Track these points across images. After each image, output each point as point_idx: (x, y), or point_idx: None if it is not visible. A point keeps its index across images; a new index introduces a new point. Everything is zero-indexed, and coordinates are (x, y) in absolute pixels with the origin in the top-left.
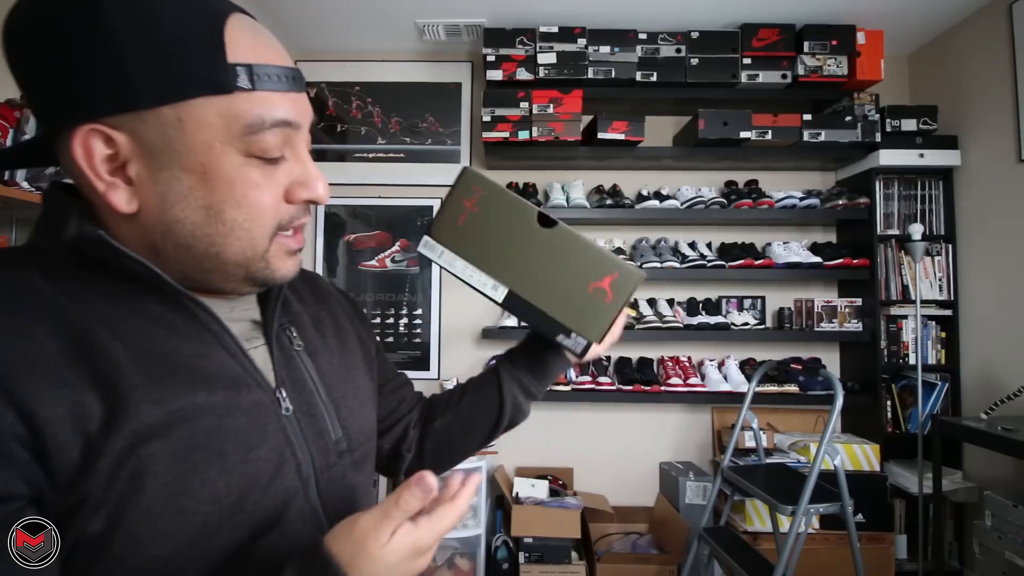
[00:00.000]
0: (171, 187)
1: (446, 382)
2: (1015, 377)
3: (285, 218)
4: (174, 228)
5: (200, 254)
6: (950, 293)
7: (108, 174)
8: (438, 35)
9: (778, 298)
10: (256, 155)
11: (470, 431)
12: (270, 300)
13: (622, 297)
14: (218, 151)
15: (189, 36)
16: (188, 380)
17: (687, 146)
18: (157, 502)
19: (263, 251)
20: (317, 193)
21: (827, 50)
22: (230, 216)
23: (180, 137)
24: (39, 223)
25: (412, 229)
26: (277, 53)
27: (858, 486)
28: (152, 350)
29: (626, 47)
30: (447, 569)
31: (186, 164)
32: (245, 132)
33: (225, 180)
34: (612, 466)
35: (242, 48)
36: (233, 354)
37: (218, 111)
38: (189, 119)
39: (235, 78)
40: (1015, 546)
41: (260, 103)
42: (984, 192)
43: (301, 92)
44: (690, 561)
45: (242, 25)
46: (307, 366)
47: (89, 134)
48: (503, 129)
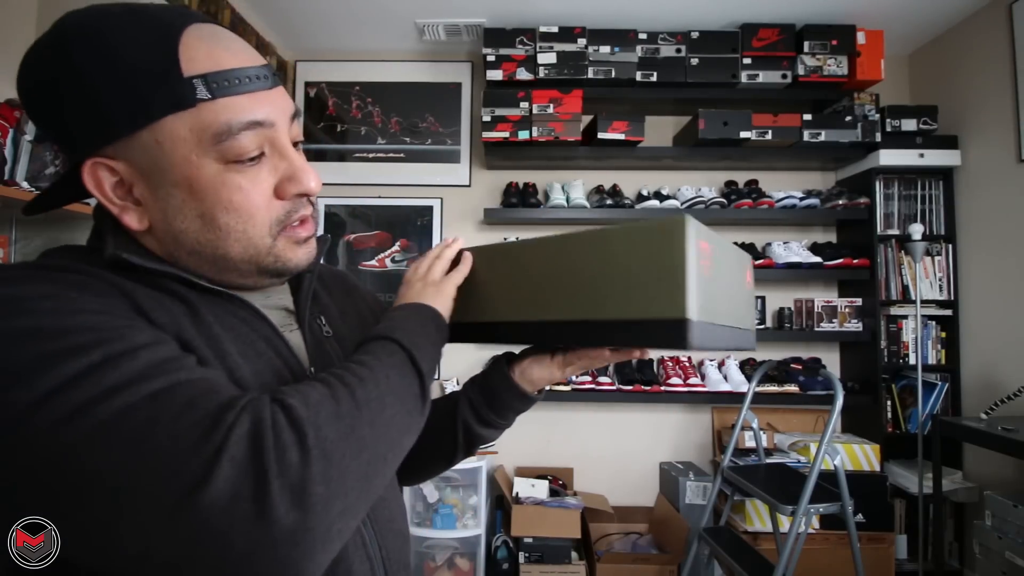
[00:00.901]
0: (168, 202)
1: (446, 382)
2: (1015, 377)
3: (281, 214)
4: (180, 238)
5: (210, 257)
6: (950, 293)
7: (119, 199)
8: (438, 35)
9: (778, 298)
10: (233, 160)
11: (428, 450)
12: (302, 291)
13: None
14: (195, 163)
15: (145, 59)
16: (238, 351)
17: (687, 146)
18: None
19: (267, 248)
20: (306, 186)
21: (827, 50)
22: (223, 221)
23: (162, 156)
24: (92, 233)
25: (412, 229)
26: (237, 55)
27: (858, 486)
28: (203, 325)
29: (626, 47)
30: (447, 569)
31: (173, 180)
32: (215, 141)
33: (209, 189)
34: (612, 466)
35: (198, 60)
36: (269, 338)
37: (187, 125)
38: (164, 138)
39: (193, 91)
40: (1015, 546)
41: (224, 109)
42: (984, 192)
43: (270, 88)
44: (690, 561)
45: (198, 35)
46: (335, 351)
47: (94, 167)
48: (503, 129)
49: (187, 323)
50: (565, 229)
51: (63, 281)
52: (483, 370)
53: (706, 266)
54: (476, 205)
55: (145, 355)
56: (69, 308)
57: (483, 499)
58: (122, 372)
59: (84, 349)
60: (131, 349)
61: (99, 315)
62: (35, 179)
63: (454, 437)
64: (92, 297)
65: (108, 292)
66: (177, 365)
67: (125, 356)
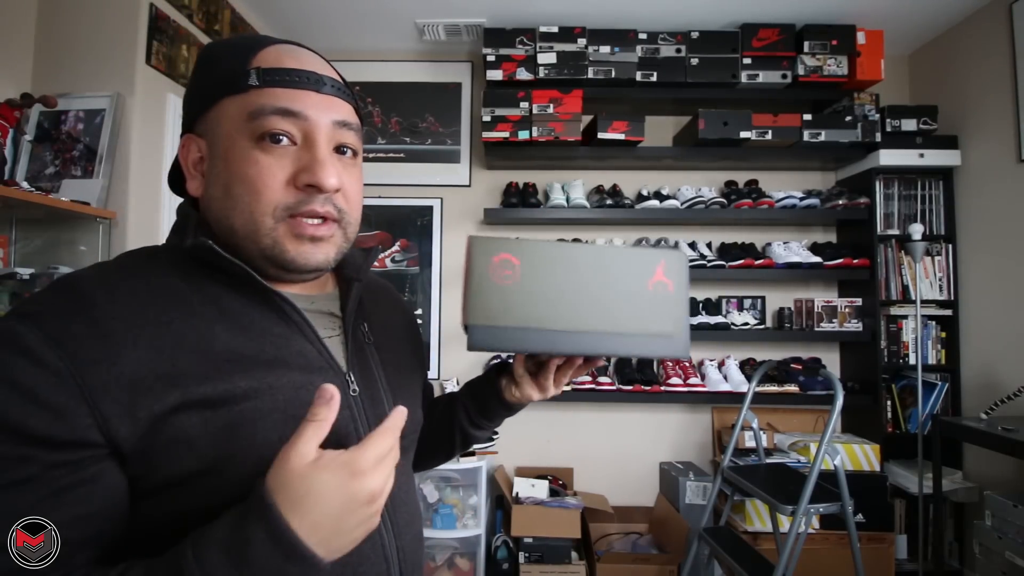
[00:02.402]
0: (212, 171)
1: (446, 382)
2: (1015, 377)
3: (291, 201)
4: (212, 205)
5: (225, 228)
6: (950, 293)
7: (194, 169)
8: (438, 35)
9: (778, 298)
10: (259, 136)
11: (430, 448)
12: (349, 297)
13: (683, 280)
14: (234, 137)
15: (231, 61)
16: (275, 356)
17: (687, 146)
18: (243, 449)
19: (267, 228)
20: (317, 178)
21: (827, 50)
22: (235, 191)
23: (217, 130)
24: (173, 228)
25: (412, 229)
26: (300, 62)
27: (858, 486)
28: (249, 329)
29: (626, 47)
30: (447, 569)
31: (218, 151)
32: (249, 118)
33: (235, 160)
34: (612, 466)
35: (264, 60)
36: (311, 341)
37: (237, 106)
38: (222, 115)
39: (247, 79)
40: (1015, 546)
41: (267, 96)
42: (984, 192)
43: (321, 93)
44: (690, 561)
45: (279, 47)
46: (374, 357)
47: (187, 140)
48: (503, 129)
49: (214, 336)
50: (568, 230)
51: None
52: (478, 378)
53: (508, 275)
54: (476, 205)
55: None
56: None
57: (483, 499)
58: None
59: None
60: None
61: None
62: (35, 179)
63: (451, 437)
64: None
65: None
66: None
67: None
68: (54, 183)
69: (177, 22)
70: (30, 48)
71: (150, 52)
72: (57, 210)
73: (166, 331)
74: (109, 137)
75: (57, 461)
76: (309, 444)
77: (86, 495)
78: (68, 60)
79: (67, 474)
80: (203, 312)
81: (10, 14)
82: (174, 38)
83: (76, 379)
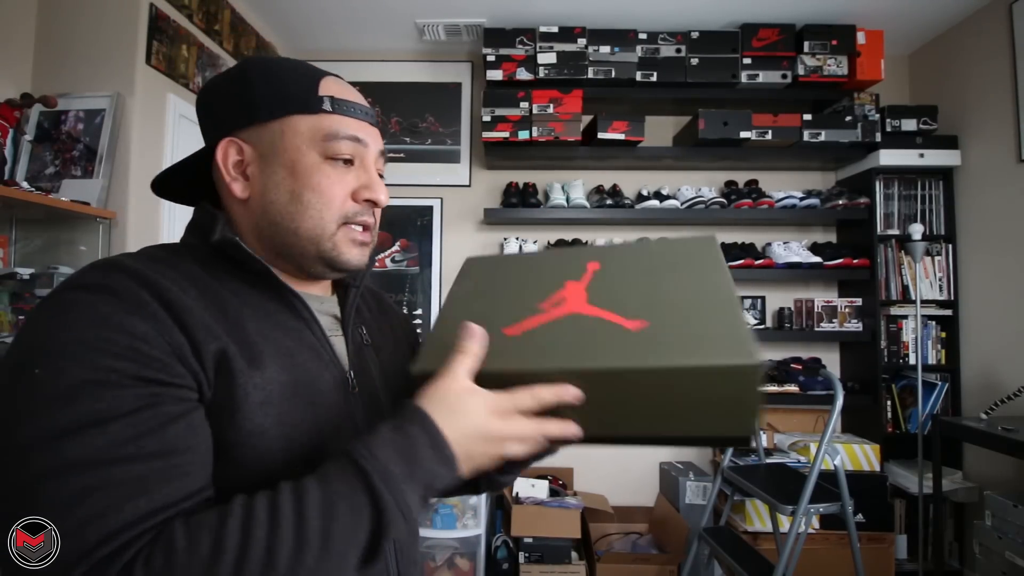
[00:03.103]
0: (270, 178)
1: None
2: (1015, 377)
3: (350, 212)
4: (269, 208)
5: (284, 230)
6: (950, 293)
7: (234, 171)
8: (438, 35)
9: (778, 298)
10: (331, 156)
11: (456, 490)
12: (348, 301)
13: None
14: (303, 151)
15: (296, 80)
16: (292, 346)
17: (687, 146)
18: (273, 427)
19: (331, 233)
20: (376, 196)
21: (827, 50)
22: (307, 198)
23: (281, 142)
24: (190, 226)
25: (412, 229)
26: (356, 96)
27: (858, 486)
28: (269, 319)
29: (626, 47)
30: (447, 569)
31: (282, 161)
32: (324, 139)
33: (306, 172)
34: (612, 466)
35: (331, 89)
36: (318, 338)
37: (307, 125)
38: (288, 129)
39: (321, 104)
40: (1015, 546)
41: (337, 122)
42: (984, 192)
43: (372, 125)
44: (690, 561)
45: (335, 80)
46: (372, 359)
47: (228, 143)
48: (503, 129)
49: (242, 319)
50: (568, 230)
51: (110, 305)
52: None
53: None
54: (476, 205)
55: (113, 431)
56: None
57: (483, 499)
58: (82, 448)
59: (70, 401)
60: (108, 418)
61: (116, 359)
62: (35, 179)
63: (475, 481)
64: (129, 328)
65: (190, 289)
66: (131, 450)
67: (96, 427)
68: (54, 183)
69: (177, 22)
70: (30, 48)
71: (150, 52)
72: (57, 210)
73: (207, 310)
74: (109, 137)
75: (180, 396)
76: (462, 370)
77: (205, 425)
78: (68, 60)
79: (191, 409)
80: (231, 299)
81: (10, 14)
82: (174, 38)
83: (163, 337)
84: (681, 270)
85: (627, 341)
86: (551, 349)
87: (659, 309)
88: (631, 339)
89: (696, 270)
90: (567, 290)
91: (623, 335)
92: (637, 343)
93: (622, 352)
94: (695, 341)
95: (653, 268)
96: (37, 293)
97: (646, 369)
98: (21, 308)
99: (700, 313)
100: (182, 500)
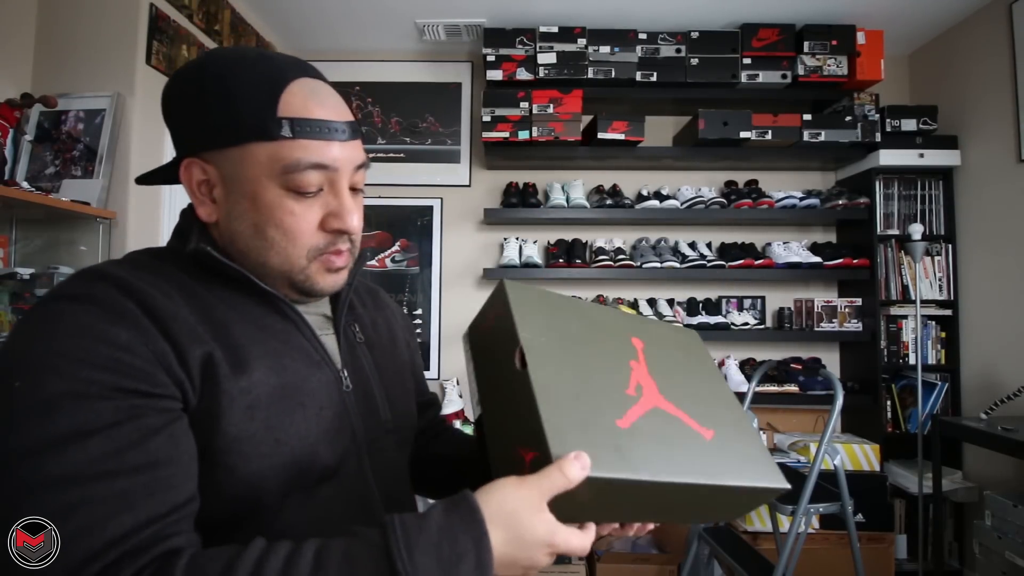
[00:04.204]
0: (235, 207)
1: (446, 382)
2: (1015, 377)
3: (321, 244)
4: (236, 238)
5: (252, 261)
6: (950, 293)
7: (200, 193)
8: (438, 35)
9: (778, 298)
10: (293, 189)
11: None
12: (340, 301)
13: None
14: (264, 184)
15: (253, 97)
16: (280, 348)
17: (687, 146)
18: (260, 431)
19: (301, 267)
20: (347, 224)
21: (827, 50)
22: (270, 235)
23: (241, 171)
24: (175, 232)
25: (412, 229)
26: (327, 109)
27: (858, 486)
28: (256, 322)
29: (626, 47)
30: None
31: (243, 191)
32: (284, 171)
33: (267, 206)
34: None
35: (293, 106)
36: (308, 338)
37: (266, 153)
38: (247, 157)
39: (279, 128)
40: (1015, 546)
41: (299, 149)
42: (984, 192)
43: (345, 141)
44: (690, 561)
45: (300, 87)
46: (365, 356)
47: (190, 164)
48: (503, 129)
49: (228, 324)
50: (568, 230)
51: (92, 315)
52: None
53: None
54: (476, 205)
55: (94, 446)
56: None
57: None
58: (61, 464)
59: (49, 415)
60: (87, 432)
61: (97, 370)
62: (35, 179)
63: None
64: (111, 337)
65: (175, 294)
66: (112, 465)
67: (75, 442)
68: (54, 183)
69: (177, 22)
70: (30, 48)
71: (150, 52)
72: (57, 210)
73: (192, 316)
74: (109, 137)
75: (161, 408)
76: (551, 492)
77: (188, 436)
78: (68, 60)
79: (173, 420)
80: (216, 305)
81: (10, 14)
82: (174, 38)
83: (147, 346)
84: (699, 366)
85: (708, 453)
86: (663, 455)
87: (716, 417)
88: (710, 451)
89: (705, 367)
90: (636, 373)
91: (704, 446)
92: (715, 456)
93: (712, 466)
94: (752, 463)
95: (682, 359)
96: (37, 293)
97: (727, 487)
98: (21, 308)
99: (737, 427)
100: (168, 514)
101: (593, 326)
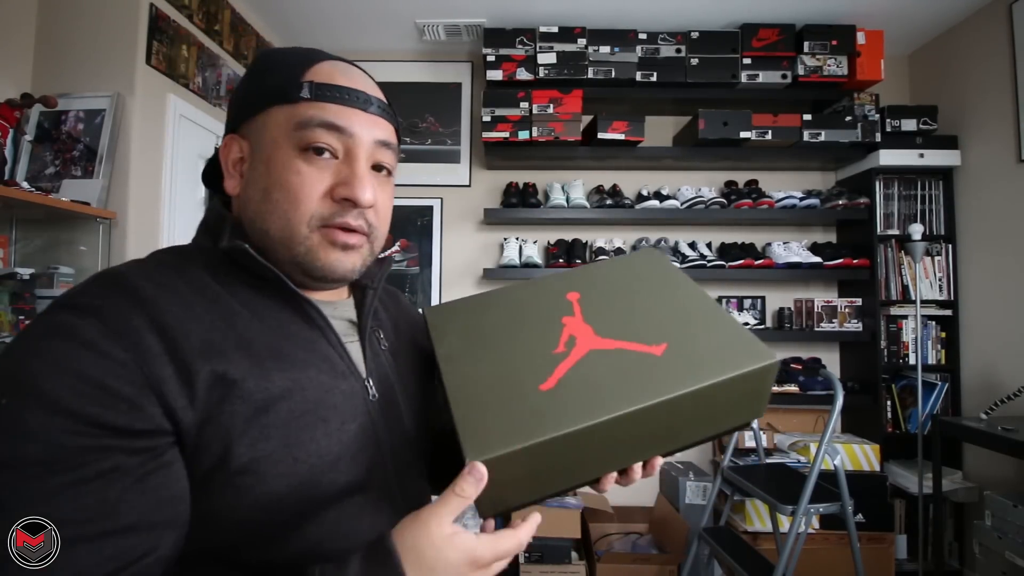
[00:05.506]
0: (253, 174)
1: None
2: (1015, 377)
3: (326, 212)
4: (247, 206)
5: (258, 230)
6: (950, 293)
7: (232, 168)
8: (438, 35)
9: (778, 298)
10: (304, 147)
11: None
12: (365, 305)
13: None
14: (278, 144)
15: (283, 71)
16: (304, 358)
17: (687, 146)
18: (278, 449)
19: (302, 236)
20: (354, 192)
21: (827, 50)
22: (275, 196)
23: (262, 135)
24: (201, 227)
25: (412, 229)
26: (351, 80)
27: (858, 486)
28: (281, 330)
29: (626, 47)
30: None
31: (261, 156)
32: (296, 128)
33: (277, 167)
34: None
35: (317, 75)
36: (334, 346)
37: (285, 115)
38: (268, 121)
39: (299, 91)
40: (1015, 546)
41: (316, 109)
42: (984, 192)
43: (368, 112)
44: (690, 561)
45: (329, 64)
46: (390, 364)
47: (231, 140)
48: (503, 129)
49: (249, 335)
50: (568, 230)
51: (93, 331)
52: None
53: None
54: (476, 205)
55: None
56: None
57: None
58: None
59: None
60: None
61: (82, 400)
62: (35, 179)
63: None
64: (104, 359)
65: (194, 298)
66: (68, 509)
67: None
68: (54, 183)
69: (177, 22)
70: (30, 48)
71: (150, 52)
72: (57, 210)
73: (212, 327)
74: (109, 137)
75: (137, 448)
76: (451, 516)
77: (166, 479)
78: (68, 60)
79: (148, 460)
80: (240, 312)
81: (10, 14)
82: (174, 38)
83: (142, 370)
84: (651, 286)
85: (665, 367)
86: (599, 395)
87: (668, 329)
88: (666, 364)
89: (663, 284)
90: (569, 327)
91: (656, 362)
92: (675, 366)
93: (669, 378)
94: (722, 353)
95: (629, 289)
96: (37, 293)
97: (697, 390)
98: (21, 308)
99: (704, 325)
100: (125, 567)
101: (518, 308)
